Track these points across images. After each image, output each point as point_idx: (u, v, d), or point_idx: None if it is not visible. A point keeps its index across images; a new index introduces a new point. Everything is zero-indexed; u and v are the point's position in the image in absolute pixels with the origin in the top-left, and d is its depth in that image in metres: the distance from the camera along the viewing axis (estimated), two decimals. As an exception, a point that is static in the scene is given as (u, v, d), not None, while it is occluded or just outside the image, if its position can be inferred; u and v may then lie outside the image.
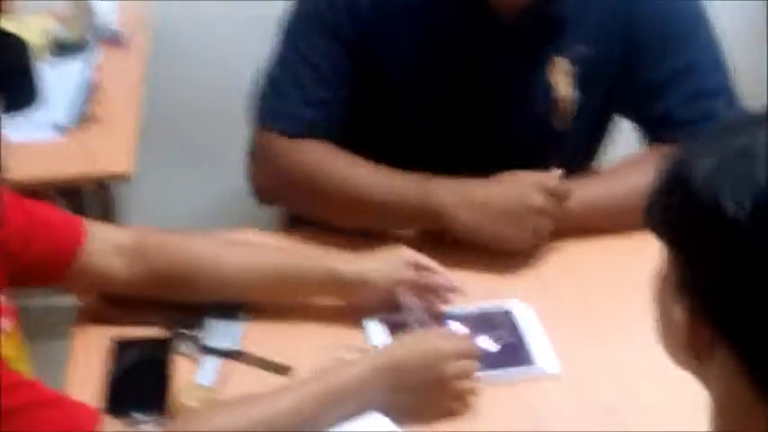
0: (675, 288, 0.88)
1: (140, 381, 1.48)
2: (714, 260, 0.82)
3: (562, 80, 1.72)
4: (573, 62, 1.71)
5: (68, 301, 1.66)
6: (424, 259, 1.56)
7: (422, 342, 1.43)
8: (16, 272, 1.44)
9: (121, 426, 1.31)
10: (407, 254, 1.56)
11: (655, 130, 1.76)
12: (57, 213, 1.52)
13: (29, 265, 1.46)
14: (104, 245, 1.52)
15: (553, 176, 1.64)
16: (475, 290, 1.62)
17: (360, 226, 1.67)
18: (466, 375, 1.43)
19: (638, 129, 1.82)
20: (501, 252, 1.67)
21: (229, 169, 2.04)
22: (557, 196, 1.63)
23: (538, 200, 1.62)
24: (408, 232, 1.72)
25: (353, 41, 1.71)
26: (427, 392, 1.41)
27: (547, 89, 1.73)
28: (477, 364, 1.44)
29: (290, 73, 1.75)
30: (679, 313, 0.88)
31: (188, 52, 2.69)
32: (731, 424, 0.90)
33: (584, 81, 1.73)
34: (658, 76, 1.72)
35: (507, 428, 1.42)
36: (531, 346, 1.54)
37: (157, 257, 1.54)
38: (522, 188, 1.63)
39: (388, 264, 1.55)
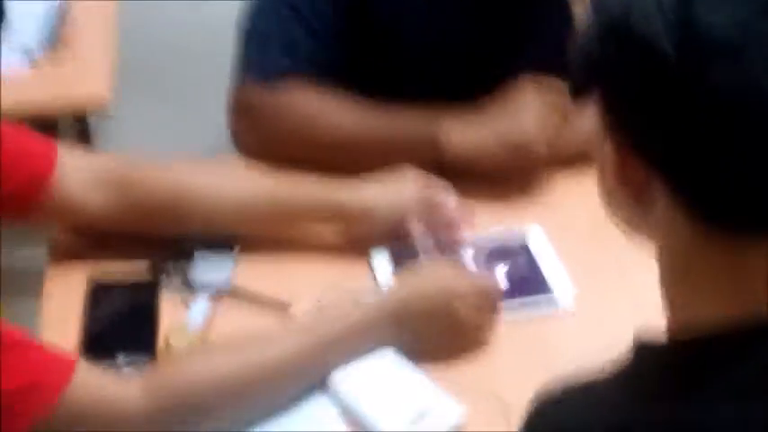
0: (606, 130, 0.86)
1: (125, 323, 1.36)
2: (638, 91, 0.81)
3: (583, 9, 1.57)
4: None
5: (41, 253, 1.51)
6: (434, 182, 1.42)
7: (433, 281, 1.29)
8: None
9: (100, 371, 1.17)
10: (416, 177, 1.42)
11: None
12: (25, 138, 1.36)
13: None
14: (80, 174, 1.37)
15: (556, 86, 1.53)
16: (487, 217, 1.49)
17: (354, 167, 1.50)
18: (484, 318, 1.30)
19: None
20: (508, 176, 1.54)
21: (211, 106, 1.91)
22: (557, 104, 1.52)
23: (537, 101, 1.52)
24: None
25: None
26: (440, 335, 1.29)
27: (564, 17, 1.58)
28: (496, 303, 1.31)
29: (271, 21, 1.60)
30: (610, 152, 0.85)
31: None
32: (678, 272, 0.87)
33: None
34: None
35: (523, 363, 1.31)
36: (547, 275, 1.42)
37: (139, 186, 1.39)
38: (524, 93, 1.53)
39: (396, 189, 1.41)
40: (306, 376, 1.23)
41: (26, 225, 1.40)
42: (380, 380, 1.24)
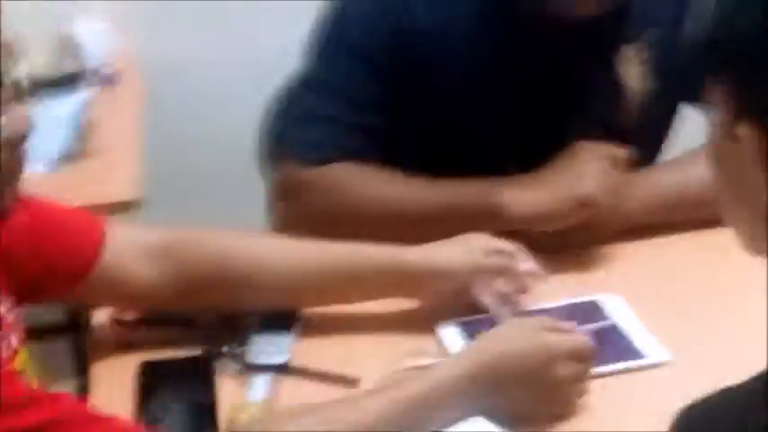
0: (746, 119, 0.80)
1: (180, 404, 1.24)
2: None
3: (634, 72, 1.52)
4: (645, 47, 1.52)
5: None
6: (505, 244, 1.34)
7: (526, 338, 1.18)
8: (24, 283, 1.21)
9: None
10: (486, 239, 1.34)
11: None
12: (72, 213, 1.30)
13: (39, 274, 1.23)
14: (129, 247, 1.29)
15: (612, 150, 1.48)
16: (558, 285, 1.40)
17: (408, 240, 1.40)
18: (580, 379, 1.20)
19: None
20: (575, 244, 1.47)
21: (238, 206, 1.85)
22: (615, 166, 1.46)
23: (596, 159, 1.45)
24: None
25: (393, 68, 1.51)
26: (534, 396, 1.18)
27: (614, 86, 1.53)
28: (591, 363, 1.21)
29: (317, 101, 1.54)
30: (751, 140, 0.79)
31: (184, 90, 2.49)
32: None
33: (657, 67, 1.53)
34: None
35: (618, 426, 1.19)
36: (632, 337, 1.32)
37: (193, 259, 1.30)
38: (582, 153, 1.46)
39: (466, 250, 1.32)
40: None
41: (74, 304, 1.31)
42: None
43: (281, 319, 1.35)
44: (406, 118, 1.54)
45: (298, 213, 1.52)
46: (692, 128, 1.66)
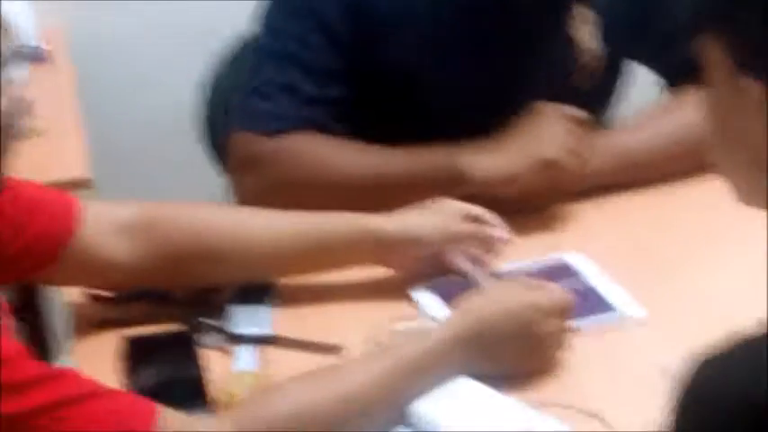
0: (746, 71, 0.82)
1: (169, 378, 1.25)
2: None
3: (587, 32, 1.56)
4: (593, 11, 1.56)
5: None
6: (475, 209, 1.37)
7: (511, 297, 1.23)
8: (2, 264, 1.21)
9: (182, 414, 1.08)
10: (457, 205, 1.37)
11: (677, 76, 1.60)
12: (44, 191, 1.30)
13: (18, 254, 1.23)
14: (103, 224, 1.29)
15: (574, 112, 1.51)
16: (524, 245, 1.44)
17: (372, 210, 1.42)
18: (561, 333, 1.24)
19: (658, 76, 1.68)
20: (538, 203, 1.51)
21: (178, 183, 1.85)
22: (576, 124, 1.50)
23: (559, 120, 1.48)
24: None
25: (351, 37, 1.52)
26: (519, 353, 1.22)
27: (567, 46, 1.56)
28: (571, 318, 1.26)
29: (275, 72, 1.54)
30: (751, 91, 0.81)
31: (113, 66, 2.47)
32: None
33: (604, 30, 1.57)
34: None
35: (597, 380, 1.25)
36: (604, 293, 1.37)
37: (168, 232, 1.31)
38: (544, 114, 1.49)
39: (438, 217, 1.35)
40: (387, 405, 1.15)
41: (50, 284, 1.31)
42: (469, 407, 1.16)
43: (257, 290, 1.37)
44: (365, 88, 1.55)
45: (258, 185, 1.51)
46: (641, 87, 1.74)
